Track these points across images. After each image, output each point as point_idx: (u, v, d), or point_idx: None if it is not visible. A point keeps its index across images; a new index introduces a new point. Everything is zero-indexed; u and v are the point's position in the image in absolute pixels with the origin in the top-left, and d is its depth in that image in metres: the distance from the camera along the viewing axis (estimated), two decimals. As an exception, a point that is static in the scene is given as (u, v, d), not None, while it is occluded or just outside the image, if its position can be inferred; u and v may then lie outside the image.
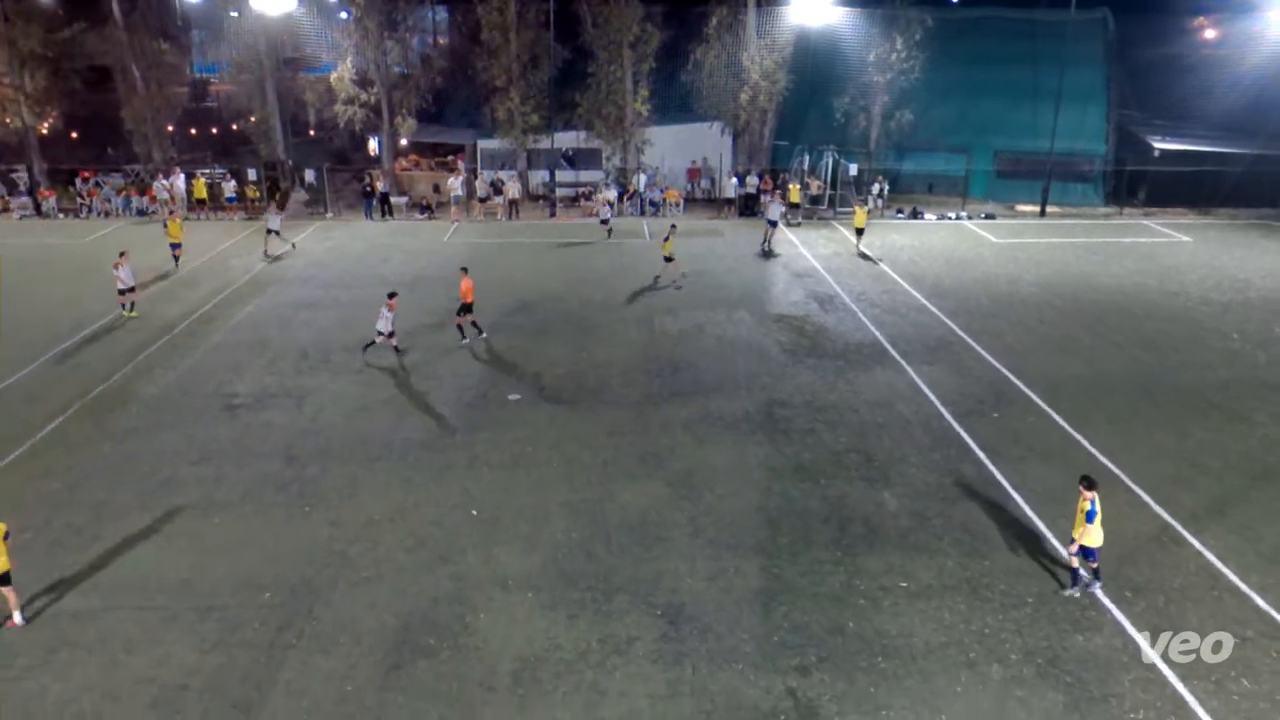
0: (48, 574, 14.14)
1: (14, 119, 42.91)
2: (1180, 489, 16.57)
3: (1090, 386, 21.29)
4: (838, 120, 42.92)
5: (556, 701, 11.56)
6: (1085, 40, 42.28)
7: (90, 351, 23.64)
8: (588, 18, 41.27)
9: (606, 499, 16.35)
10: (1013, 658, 12.29)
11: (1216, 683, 11.80)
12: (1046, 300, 28.31)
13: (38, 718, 11.28)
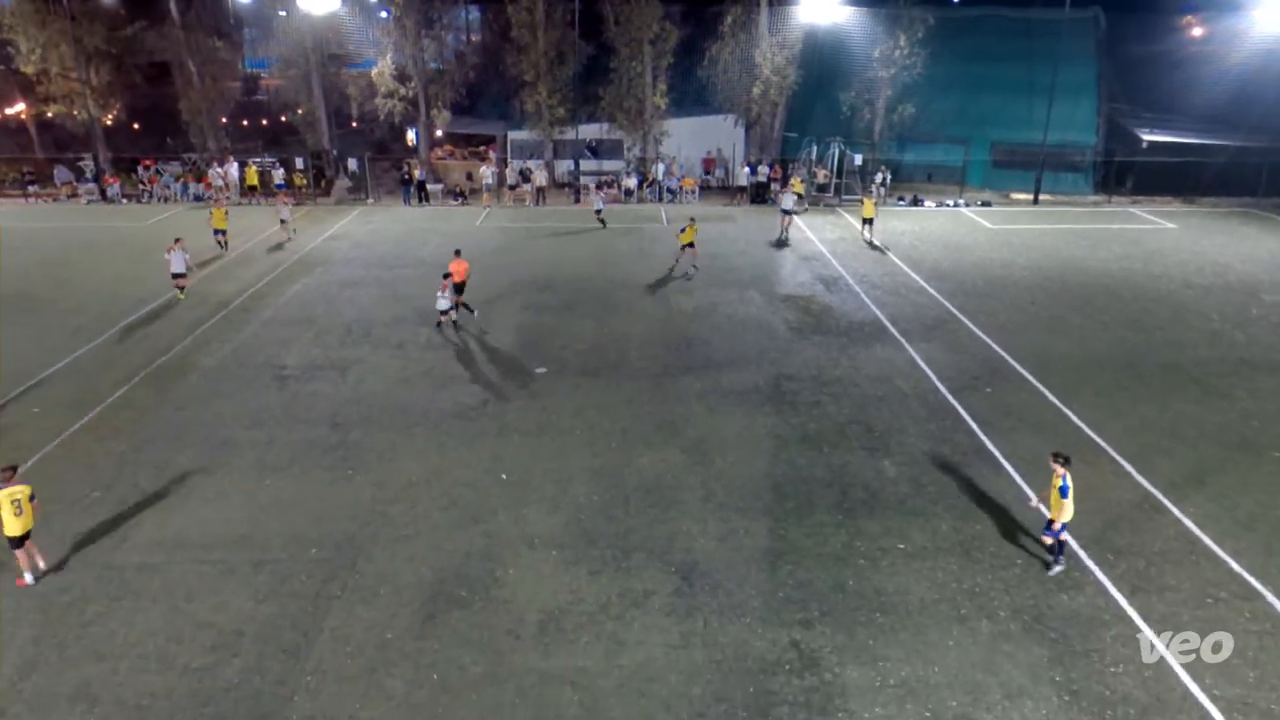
0: (115, 529, 14.36)
1: (81, 111, 43.17)
2: (1161, 459, 16.46)
3: (1078, 363, 21.13)
4: (844, 113, 42.60)
5: (579, 650, 11.66)
6: (1078, 37, 41.75)
7: (152, 326, 23.85)
8: (610, 16, 41.07)
9: (625, 464, 16.41)
10: (1001, 614, 12.29)
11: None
12: (1038, 282, 28.05)
13: (108, 659, 11.48)
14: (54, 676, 11.19)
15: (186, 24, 43.39)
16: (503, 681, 11.13)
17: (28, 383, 19.93)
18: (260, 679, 11.15)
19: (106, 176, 42.85)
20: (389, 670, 11.31)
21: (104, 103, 43.94)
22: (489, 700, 10.83)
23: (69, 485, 15.64)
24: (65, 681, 11.09)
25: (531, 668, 11.35)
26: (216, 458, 16.71)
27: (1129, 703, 10.76)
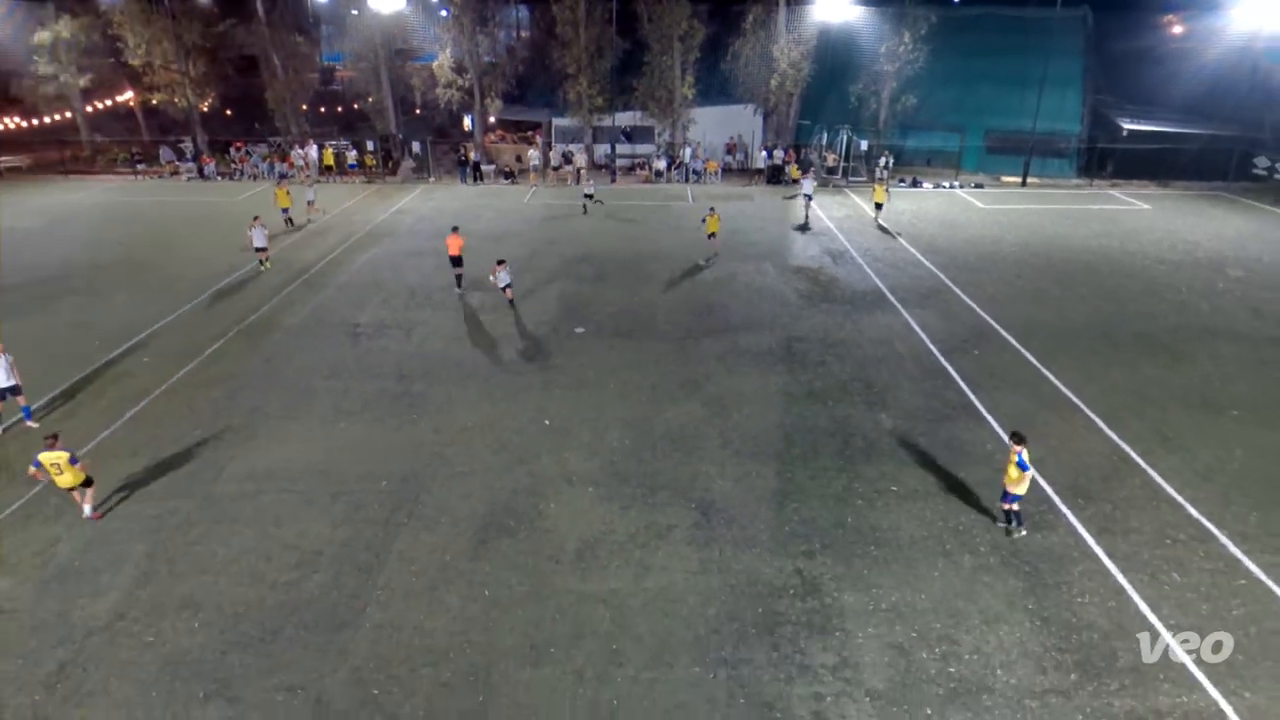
0: (214, 464, 14.68)
1: (181, 99, 43.35)
2: (1129, 416, 16.24)
3: (1057, 330, 20.79)
4: (852, 103, 41.82)
5: (611, 574, 11.84)
6: (1067, 34, 40.48)
7: (243, 289, 24.10)
8: (644, 15, 40.47)
9: (653, 415, 16.47)
10: (982, 550, 12.31)
11: (1151, 575, 11.74)
12: (1024, 257, 27.53)
13: (210, 573, 11.83)
14: (165, 587, 11.56)
15: (271, 22, 43.27)
16: (544, 599, 11.34)
17: (139, 336, 20.29)
18: (337, 593, 11.45)
19: (203, 157, 43.09)
20: (447, 588, 11.57)
21: (201, 92, 44.09)
22: (532, 615, 11.06)
23: (174, 425, 15.98)
24: (174, 592, 11.46)
25: (569, 588, 11.55)
26: (299, 403, 16.97)
27: (1093, 628, 10.78)
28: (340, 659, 10.30)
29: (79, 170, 43.31)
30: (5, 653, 10.36)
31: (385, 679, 10.01)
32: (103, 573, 11.80)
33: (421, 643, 10.57)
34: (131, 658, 10.30)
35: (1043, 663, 10.24)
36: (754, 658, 10.33)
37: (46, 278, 24.95)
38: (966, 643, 10.56)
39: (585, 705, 9.63)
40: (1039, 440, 15.26)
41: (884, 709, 9.58)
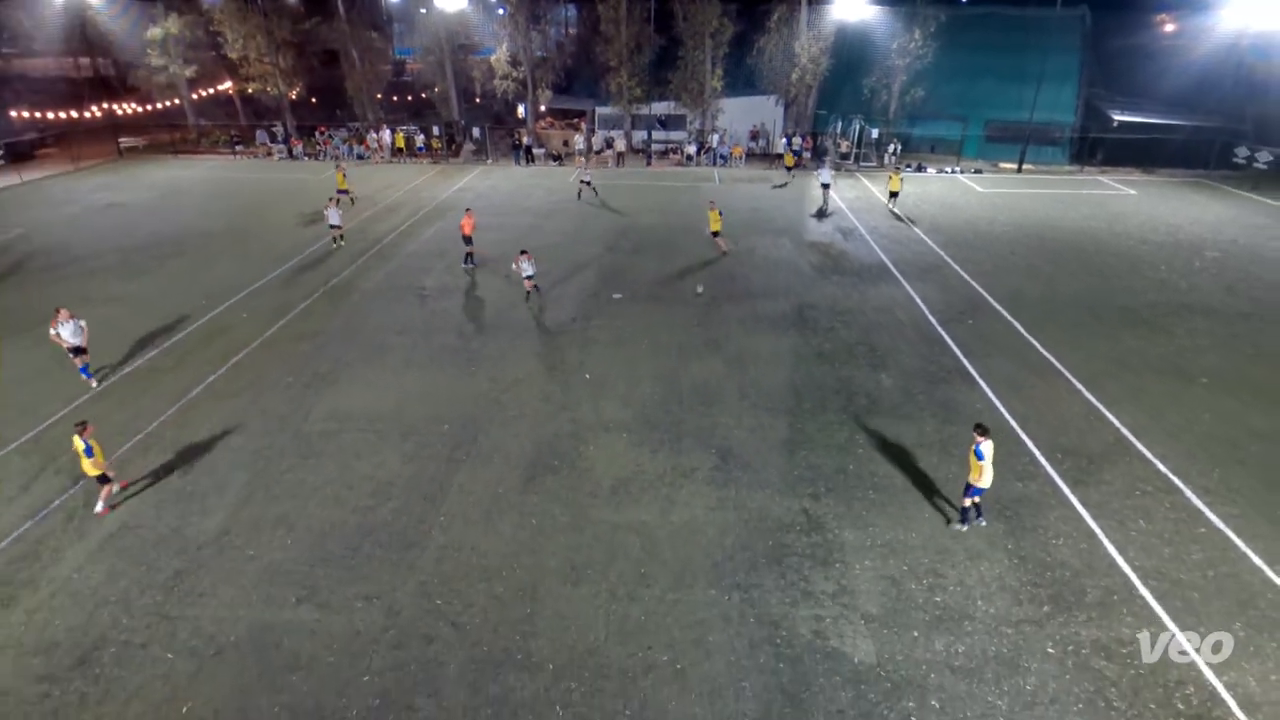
0: (303, 406, 14.99)
1: (273, 88, 43.49)
2: (1108, 381, 15.89)
3: (1046, 303, 20.29)
4: (865, 95, 40.67)
5: (641, 507, 11.98)
6: (1066, 32, 38.78)
7: (327, 256, 24.30)
8: (679, 14, 39.60)
9: (680, 371, 16.46)
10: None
11: (1120, 522, 11.59)
12: (1017, 237, 26.79)
13: (300, 498, 12.18)
14: (262, 508, 11.94)
15: (351, 19, 43.05)
16: (583, 528, 11.52)
17: (239, 295, 20.66)
18: (407, 518, 11.73)
19: (292, 139, 43.28)
20: (500, 516, 11.79)
21: (290, 82, 44.15)
22: (573, 542, 11.25)
23: (270, 372, 16.33)
24: (270, 513, 11.83)
25: (605, 519, 11.71)
26: (374, 356, 17.20)
27: (1065, 566, 10.71)
28: (409, 573, 10.60)
29: (186, 150, 43.79)
30: (132, 561, 10.81)
31: (447, 591, 10.29)
32: (210, 496, 12.21)
33: (478, 562, 10.82)
34: (235, 567, 10.70)
35: (1019, 595, 10.22)
36: (763, 583, 10.44)
37: (161, 243, 25.44)
38: (951, 576, 10.56)
39: (617, 619, 9.83)
40: (1025, 401, 15.07)
41: (876, 631, 9.66)
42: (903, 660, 9.24)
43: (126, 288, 21.23)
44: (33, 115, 44.60)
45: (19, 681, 8.91)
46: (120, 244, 25.31)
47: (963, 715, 8.54)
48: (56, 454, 13.19)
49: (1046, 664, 9.19)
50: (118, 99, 48.22)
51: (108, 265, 23.20)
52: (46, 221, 28.19)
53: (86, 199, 31.76)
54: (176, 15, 41.91)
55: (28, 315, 19.14)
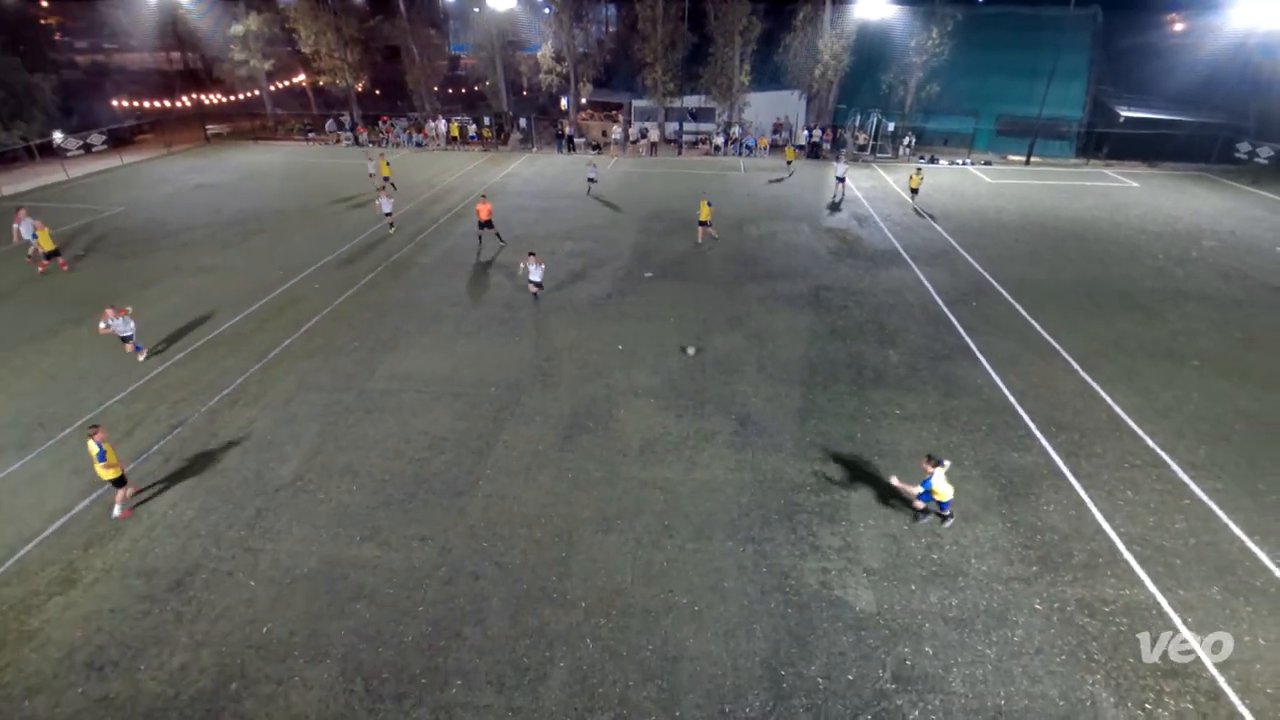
0: (367, 367, 15.24)
1: (341, 81, 43.56)
2: (1103, 361, 15.47)
3: (1047, 288, 19.73)
4: (883, 90, 39.46)
5: (667, 465, 12.03)
6: (1077, 30, 37.01)
7: (388, 234, 24.49)
8: (711, 13, 38.64)
9: (705, 343, 16.36)
10: (966, 463, 12.06)
11: (1108, 492, 11.37)
12: (1022, 225, 25.99)
13: (363, 449, 12.43)
14: (331, 457, 12.23)
15: (411, 18, 42.73)
16: (614, 483, 11.62)
17: (311, 268, 20.96)
18: (457, 469, 11.94)
19: (358, 127, 43.46)
20: (540, 470, 11.93)
21: (356, 75, 44.09)
22: (604, 494, 11.36)
23: (339, 337, 16.61)
24: (337, 461, 12.12)
25: (634, 475, 11.79)
26: (430, 324, 17.37)
27: (1054, 531, 10.56)
28: (459, 518, 10.81)
29: (265, 136, 44.20)
30: (221, 500, 11.19)
31: (492, 535, 10.48)
32: (286, 444, 12.54)
33: (520, 510, 10.99)
34: (308, 508, 11.01)
35: (1010, 556, 10.11)
36: (775, 537, 10.46)
37: (244, 220, 25.86)
38: (948, 536, 10.47)
39: (642, 564, 9.95)
40: (1023, 378, 14.75)
41: (877, 583, 9.64)
42: (900, 610, 9.23)
43: (214, 260, 21.67)
44: (131, 104, 45.34)
45: (125, 600, 9.34)
46: (208, 220, 25.78)
47: (954, 661, 8.53)
48: (156, 404, 13.63)
49: (1033, 618, 9.11)
50: (205, 90, 48.73)
51: (197, 239, 23.67)
52: (144, 200, 28.79)
53: (178, 180, 32.33)
54: (256, 13, 42.01)
55: (131, 280, 19.67)
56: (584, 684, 8.25)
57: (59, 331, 16.66)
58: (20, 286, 19.42)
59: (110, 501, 10.88)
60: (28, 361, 15.24)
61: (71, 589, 9.48)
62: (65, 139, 35.01)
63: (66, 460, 12.00)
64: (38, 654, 8.56)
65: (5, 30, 35.70)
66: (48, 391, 14.05)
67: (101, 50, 52.69)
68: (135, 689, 8.14)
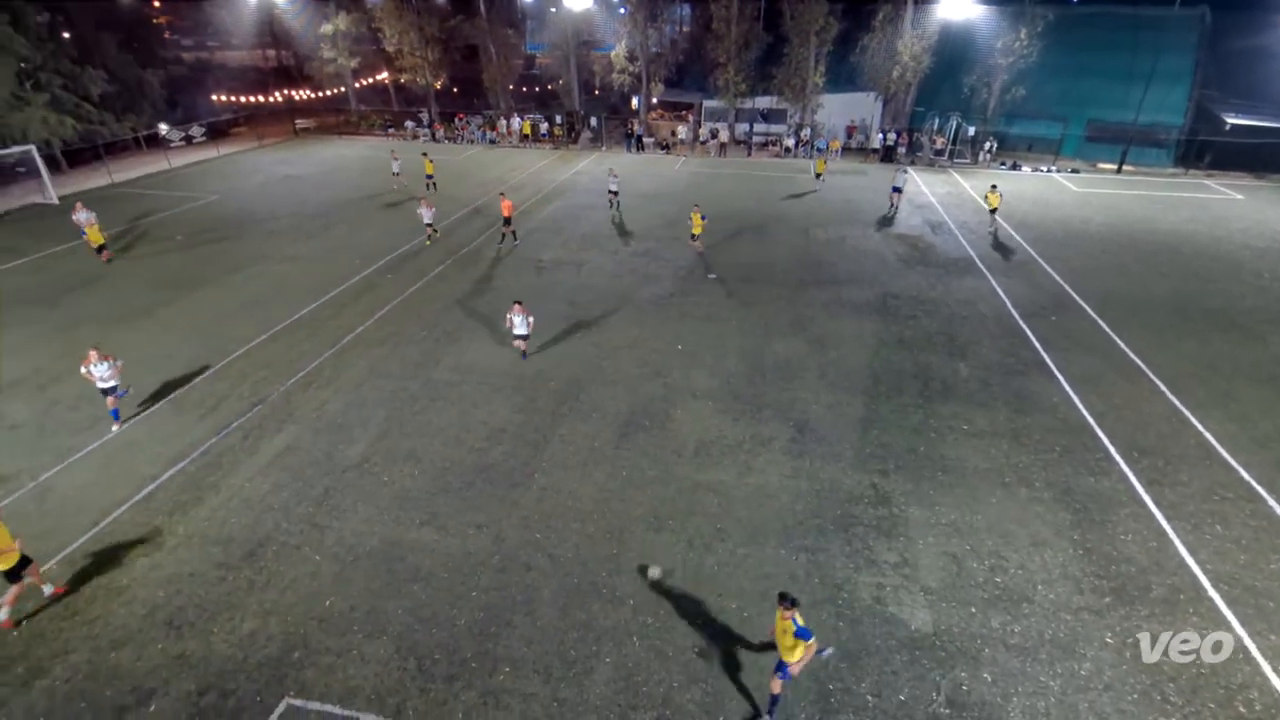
0: (433, 357, 15.68)
1: (421, 79, 44.95)
2: (1195, 384, 14.48)
3: (1134, 303, 18.61)
4: (965, 93, 37.99)
5: (721, 469, 11.94)
6: (1182, 31, 34.74)
7: (458, 229, 25.10)
8: (787, 12, 38.03)
9: (765, 347, 16.19)
10: (1037, 485, 11.51)
11: (1194, 524, 10.64)
12: (1110, 237, 24.59)
13: (426, 436, 12.79)
14: (395, 442, 12.65)
15: (490, 18, 43.76)
16: (668, 483, 11.60)
17: (385, 259, 21.71)
18: (514, 460, 12.15)
19: (435, 125, 44.83)
20: (595, 466, 12.02)
21: (436, 73, 45.46)
22: (658, 494, 11.36)
23: (406, 326, 17.16)
24: (401, 447, 12.52)
25: (687, 476, 11.75)
26: (495, 318, 17.64)
27: (1131, 562, 9.96)
28: (514, 508, 11.01)
29: (348, 131, 46.05)
30: (292, 477, 11.74)
31: (545, 527, 10.64)
32: (355, 427, 13.04)
33: (573, 504, 11.10)
34: (372, 489, 11.43)
35: (1081, 585, 9.59)
36: (829, 548, 10.24)
37: (326, 210, 27.04)
38: (1013, 560, 10.02)
39: (693, 566, 9.90)
40: (1104, 398, 13.96)
41: (934, 603, 9.31)
42: (959, 633, 8.88)
43: (298, 248, 22.74)
44: (229, 99, 48.10)
45: (203, 565, 9.92)
46: (294, 210, 27.08)
47: (1014, 690, 8.15)
48: (239, 383, 14.42)
49: (1104, 652, 8.61)
50: (295, 86, 51.28)
51: (283, 228, 24.90)
52: (237, 189, 30.49)
53: (268, 170, 34.08)
54: (345, 13, 43.90)
55: (224, 264, 20.87)
56: (629, 681, 8.27)
57: (152, 311, 17.81)
58: (114, 268, 20.85)
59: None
60: (123, 338, 16.35)
61: (157, 551, 10.14)
62: (169, 130, 37.44)
63: (157, 430, 12.84)
64: (125, 609, 9.19)
65: (122, 28, 38.40)
66: (139, 367, 15.05)
67: (205, 48, 56.08)
68: (208, 649, 8.64)
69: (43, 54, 31.51)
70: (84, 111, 33.01)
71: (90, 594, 9.40)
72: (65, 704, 7.98)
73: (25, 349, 15.84)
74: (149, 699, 8.04)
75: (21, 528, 10.00)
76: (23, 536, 9.33)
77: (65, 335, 16.50)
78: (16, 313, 17.74)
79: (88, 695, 8.08)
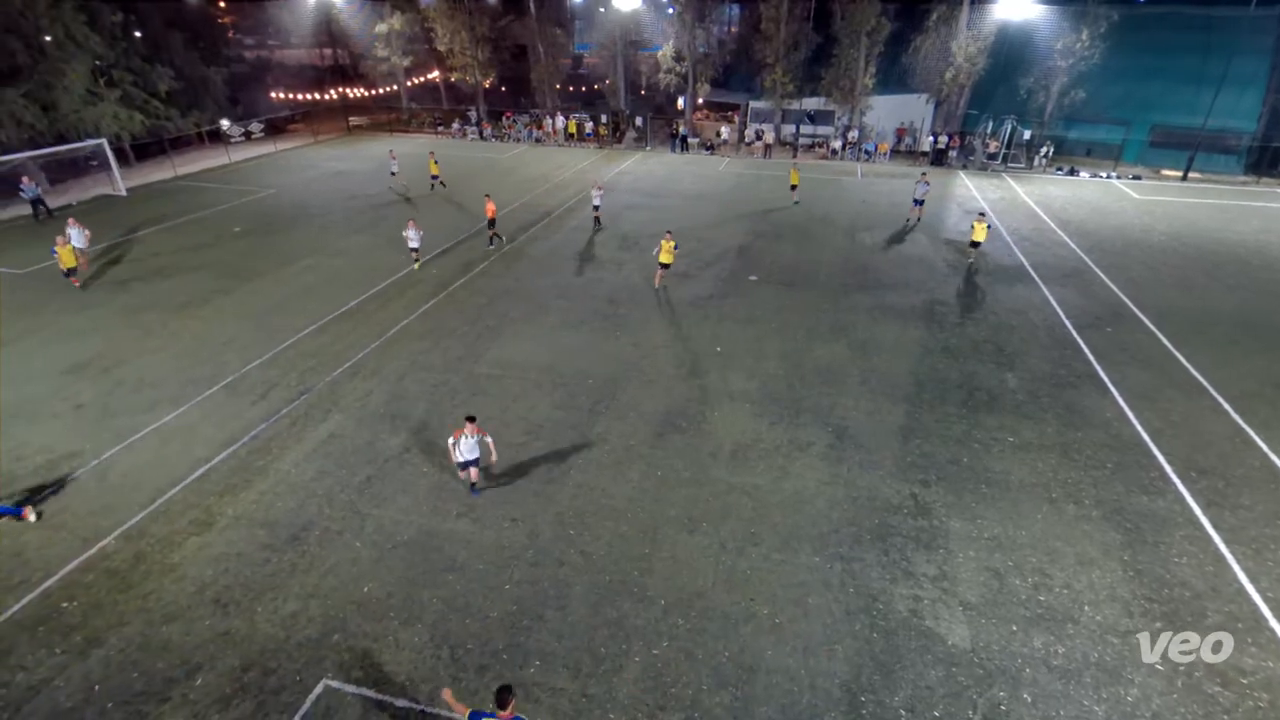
0: (474, 351, 15.92)
1: (471, 77, 45.66)
2: (1260, 403, 13.79)
3: (1197, 317, 17.82)
4: (1021, 95, 36.84)
5: (756, 473, 11.85)
6: (1258, 33, 32.99)
7: (503, 224, 25.28)
8: (838, 12, 37.46)
9: (805, 351, 16.00)
10: (1086, 503, 11.12)
11: (1255, 550, 10.14)
12: (1173, 247, 23.59)
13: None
14: (436, 434, 12.83)
15: (539, 17, 44.22)
16: (702, 485, 11.57)
17: (432, 253, 22.11)
18: (552, 456, 12.24)
19: (484, 123, 45.47)
20: (630, 465, 12.05)
21: (485, 72, 46.08)
22: (692, 495, 11.33)
23: (449, 320, 17.47)
24: (442, 437, 12.66)
25: (722, 479, 11.69)
26: (535, 314, 17.90)
27: (1185, 586, 9.53)
28: (549, 504, 11.11)
29: (400, 129, 47.07)
30: (336, 464, 12.06)
31: (579, 524, 10.70)
32: (397, 418, 13.33)
33: (607, 502, 11.15)
34: (412, 479, 11.66)
35: (1130, 607, 9.22)
36: (865, 558, 10.06)
37: (376, 205, 27.69)
38: (1059, 578, 9.69)
39: (725, 569, 9.85)
40: (1161, 414, 13.40)
41: (973, 619, 9.07)
42: (998, 650, 8.64)
43: (348, 242, 23.35)
44: (287, 96, 49.66)
45: (249, 547, 10.26)
46: (345, 205, 27.81)
47: (1055, 714, 7.89)
48: (288, 371, 14.88)
49: (1152, 679, 8.27)
50: (349, 84, 52.64)
51: (335, 222, 25.59)
52: (292, 184, 31.46)
53: (321, 166, 35.08)
54: (399, 13, 44.89)
55: (278, 256, 21.58)
56: (657, 681, 8.27)
57: (209, 300, 18.49)
58: (176, 258, 21.69)
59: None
60: (183, 325, 17.03)
61: (207, 531, 10.53)
62: (230, 126, 38.84)
63: (211, 414, 13.33)
64: (175, 586, 9.58)
65: (189, 28, 39.98)
66: (198, 353, 15.64)
67: (265, 46, 58.00)
68: (253, 628, 8.94)
69: (115, 52, 33.01)
70: (152, 107, 34.46)
71: (145, 569, 9.82)
72: (119, 673, 8.35)
73: (94, 332, 16.64)
74: (196, 673, 8.36)
75: (82, 503, 10.48)
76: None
77: (131, 319, 17.27)
78: (87, 297, 18.63)
79: (140, 666, 8.44)
